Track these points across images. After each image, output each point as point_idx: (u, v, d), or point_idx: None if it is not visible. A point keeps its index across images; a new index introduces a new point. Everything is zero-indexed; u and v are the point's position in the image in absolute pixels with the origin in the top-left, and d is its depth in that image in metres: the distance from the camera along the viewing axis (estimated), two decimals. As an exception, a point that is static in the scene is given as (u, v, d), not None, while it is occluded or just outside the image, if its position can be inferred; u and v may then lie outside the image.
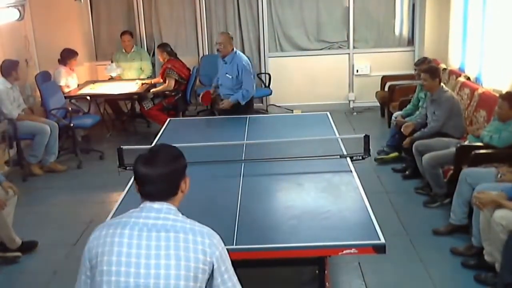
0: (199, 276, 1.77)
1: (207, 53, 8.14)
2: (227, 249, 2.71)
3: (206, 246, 1.80)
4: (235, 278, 1.89)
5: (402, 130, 5.30)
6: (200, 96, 6.01)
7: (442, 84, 5.13)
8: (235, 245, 2.75)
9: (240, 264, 3.18)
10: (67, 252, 4.18)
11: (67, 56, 6.82)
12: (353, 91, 8.17)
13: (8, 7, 6.15)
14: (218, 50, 5.66)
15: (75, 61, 6.94)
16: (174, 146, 1.98)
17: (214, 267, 1.81)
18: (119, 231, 1.80)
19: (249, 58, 8.00)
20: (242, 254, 2.77)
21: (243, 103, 5.53)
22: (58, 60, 6.84)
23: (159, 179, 1.84)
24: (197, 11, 8.02)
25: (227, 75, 5.59)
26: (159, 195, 1.86)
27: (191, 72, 7.15)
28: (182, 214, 1.91)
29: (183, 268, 1.75)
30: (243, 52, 8.09)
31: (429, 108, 5.12)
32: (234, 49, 5.63)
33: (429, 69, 5.14)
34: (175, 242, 1.78)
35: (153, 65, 8.01)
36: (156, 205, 1.85)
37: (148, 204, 1.86)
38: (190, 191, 3.48)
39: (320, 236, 2.81)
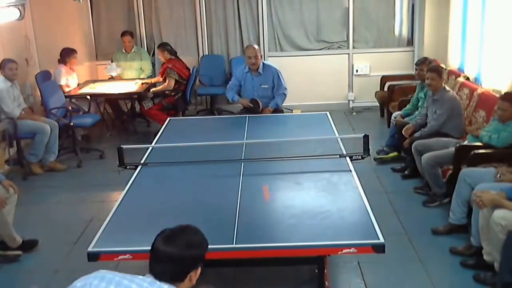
0: None
1: (207, 53, 8.15)
2: (227, 249, 2.75)
3: None
4: None
5: (403, 132, 5.31)
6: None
7: (444, 84, 5.14)
8: (235, 244, 2.76)
9: (240, 263, 3.21)
10: (68, 251, 4.19)
11: (66, 55, 6.83)
12: (352, 91, 8.19)
13: (9, 6, 6.16)
14: (252, 64, 5.54)
15: (75, 59, 6.94)
16: (200, 233, 1.94)
17: None
18: None
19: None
20: (242, 253, 2.80)
21: (281, 106, 5.69)
22: (58, 60, 6.85)
23: (168, 261, 1.81)
24: (197, 11, 8.03)
25: (262, 86, 5.63)
26: (164, 276, 1.81)
27: (191, 72, 7.16)
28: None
29: None
30: (243, 53, 8.12)
31: (430, 108, 5.12)
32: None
33: (436, 69, 5.12)
34: None
35: (153, 65, 8.02)
36: (166, 286, 1.80)
37: (158, 283, 1.80)
38: (191, 191, 3.52)
39: (320, 235, 2.83)
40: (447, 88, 5.13)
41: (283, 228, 2.98)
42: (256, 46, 5.73)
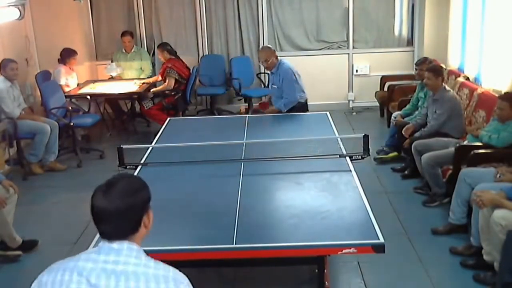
0: None
1: (207, 53, 8.15)
2: (227, 249, 2.75)
3: None
4: None
5: (403, 132, 5.30)
6: (259, 104, 6.04)
7: (444, 84, 5.14)
8: (235, 244, 2.76)
9: (240, 263, 3.21)
10: (68, 251, 4.18)
11: (66, 56, 6.84)
12: (352, 91, 8.19)
13: (9, 6, 6.16)
14: (266, 67, 5.75)
15: (74, 60, 6.95)
16: (136, 177, 1.79)
17: None
18: (75, 278, 1.60)
19: (248, 58, 8.10)
20: (242, 253, 2.79)
21: (284, 110, 5.53)
22: (58, 60, 6.86)
23: (115, 215, 1.63)
24: (197, 11, 8.04)
25: (273, 85, 5.69)
26: (116, 233, 1.64)
27: (191, 72, 7.16)
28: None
29: None
30: (243, 53, 8.13)
31: (430, 108, 5.12)
32: (279, 59, 5.66)
33: (432, 68, 5.14)
34: None
35: (153, 65, 8.02)
36: (115, 245, 1.62)
37: (106, 244, 1.64)
38: (191, 191, 3.51)
39: (320, 235, 2.82)
40: (447, 88, 5.13)
41: (283, 228, 2.98)
42: (266, 49, 5.70)
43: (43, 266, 1.82)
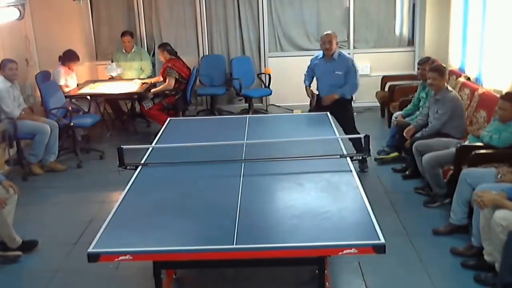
0: None
1: (207, 53, 8.15)
2: (228, 249, 2.74)
3: None
4: None
5: (404, 134, 5.28)
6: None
7: (446, 84, 5.12)
8: (235, 244, 2.75)
9: (240, 264, 3.20)
10: (68, 251, 4.18)
11: (67, 58, 6.84)
12: (353, 91, 8.17)
13: (9, 6, 6.16)
14: (326, 49, 5.48)
15: (74, 64, 6.95)
16: None
17: None
18: None
19: (249, 58, 8.10)
20: (242, 254, 2.78)
21: (349, 97, 5.61)
22: (59, 57, 6.84)
23: None
24: (197, 11, 8.03)
25: (336, 72, 5.51)
26: None
27: (191, 72, 7.15)
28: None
29: None
30: (243, 52, 8.13)
31: (432, 107, 5.11)
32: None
33: (437, 68, 5.08)
34: None
35: (153, 65, 8.02)
36: None
37: None
38: (191, 191, 3.51)
39: (320, 236, 2.81)
40: (450, 88, 5.11)
41: (283, 228, 2.97)
42: (332, 33, 5.54)
43: (43, 267, 1.82)
